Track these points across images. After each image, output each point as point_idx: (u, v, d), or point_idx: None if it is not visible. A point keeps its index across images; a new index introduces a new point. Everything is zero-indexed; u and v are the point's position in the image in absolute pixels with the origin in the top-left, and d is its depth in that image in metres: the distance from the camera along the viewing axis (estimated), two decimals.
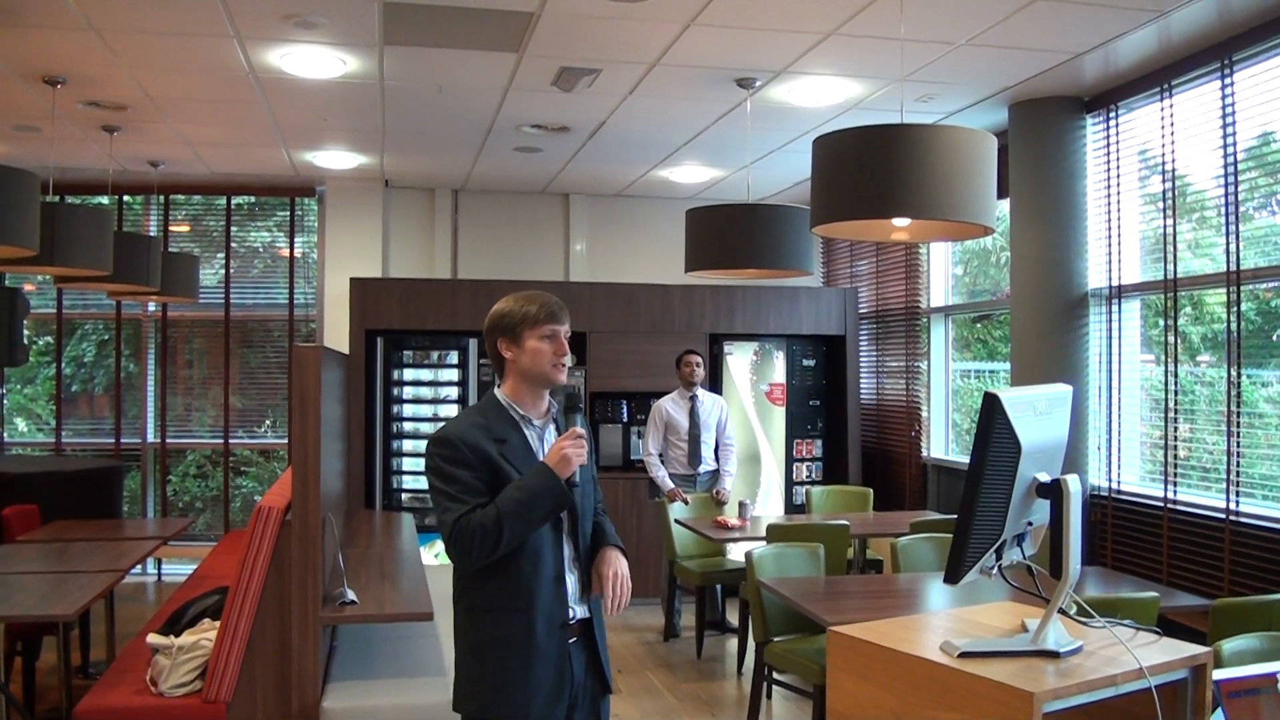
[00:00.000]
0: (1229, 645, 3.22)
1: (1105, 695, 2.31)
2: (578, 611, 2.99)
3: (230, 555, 5.82)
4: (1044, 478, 2.46)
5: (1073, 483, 2.42)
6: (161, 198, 9.37)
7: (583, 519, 3.03)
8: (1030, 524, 2.53)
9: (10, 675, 5.51)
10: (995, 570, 2.48)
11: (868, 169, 4.05)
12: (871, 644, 2.49)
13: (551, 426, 3.08)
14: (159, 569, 9.43)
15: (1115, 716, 2.53)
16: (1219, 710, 2.52)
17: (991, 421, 2.35)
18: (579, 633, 3.00)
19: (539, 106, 6.78)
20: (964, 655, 2.34)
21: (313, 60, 5.79)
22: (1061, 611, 2.50)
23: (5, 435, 9.38)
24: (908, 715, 2.37)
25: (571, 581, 2.99)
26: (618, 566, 3.00)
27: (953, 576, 2.41)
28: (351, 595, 4.37)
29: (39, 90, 6.20)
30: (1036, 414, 2.46)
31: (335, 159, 8.41)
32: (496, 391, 3.05)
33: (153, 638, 4.23)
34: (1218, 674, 2.53)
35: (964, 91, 6.35)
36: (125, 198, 9.37)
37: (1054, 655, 2.37)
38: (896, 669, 2.42)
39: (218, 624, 4.19)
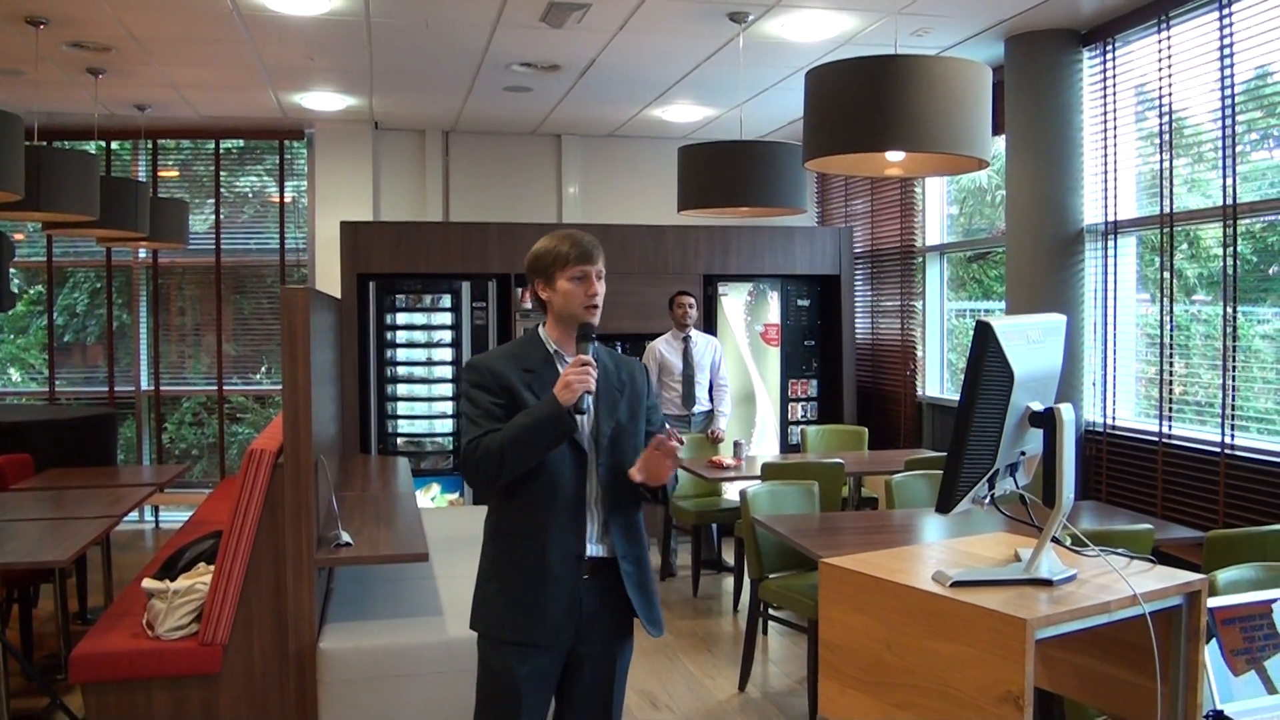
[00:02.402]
0: (1224, 575, 3.21)
1: (1099, 622, 2.29)
2: (595, 550, 2.98)
3: (226, 500, 5.78)
4: (1037, 406, 2.43)
5: (1066, 411, 2.39)
6: (149, 143, 9.26)
7: (601, 456, 2.99)
8: (1023, 454, 2.50)
9: (7, 623, 5.52)
10: (988, 500, 2.46)
11: (861, 101, 3.99)
12: (863, 575, 2.48)
13: None
14: (156, 516, 9.45)
15: (1109, 645, 2.53)
16: (1214, 639, 2.52)
17: (984, 349, 2.32)
18: (595, 570, 2.98)
19: (528, 44, 6.67)
20: (956, 584, 2.33)
21: None
22: (1056, 541, 2.49)
23: None
24: (900, 645, 2.36)
25: (590, 519, 2.98)
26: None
27: (944, 505, 2.39)
28: (346, 537, 4.36)
29: (21, 31, 6.09)
30: (1030, 343, 2.43)
31: (323, 100, 8.30)
32: (540, 328, 3.10)
33: (148, 582, 4.23)
34: (1212, 601, 2.53)
35: (959, 25, 6.26)
36: (113, 144, 9.27)
37: (1047, 583, 2.36)
38: (889, 599, 2.41)
39: (213, 568, 4.19)
